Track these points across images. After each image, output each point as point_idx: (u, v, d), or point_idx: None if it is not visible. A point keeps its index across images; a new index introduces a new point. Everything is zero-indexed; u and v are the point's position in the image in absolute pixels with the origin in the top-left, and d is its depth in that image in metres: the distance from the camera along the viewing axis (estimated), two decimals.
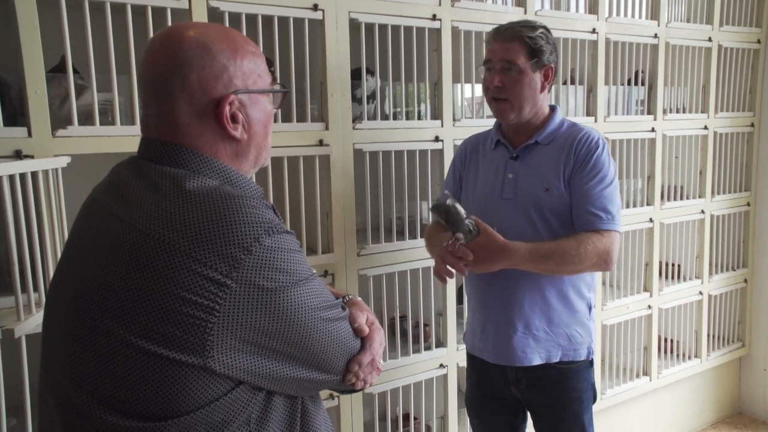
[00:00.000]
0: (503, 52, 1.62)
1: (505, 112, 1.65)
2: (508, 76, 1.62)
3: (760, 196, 3.15)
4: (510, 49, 1.61)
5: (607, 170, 1.62)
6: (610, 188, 1.62)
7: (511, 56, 1.61)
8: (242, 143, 0.92)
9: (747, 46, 2.99)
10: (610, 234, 1.58)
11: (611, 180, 1.63)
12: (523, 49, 1.61)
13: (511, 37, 1.62)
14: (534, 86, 1.64)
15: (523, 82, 1.62)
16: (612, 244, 1.58)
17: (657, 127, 2.68)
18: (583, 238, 1.55)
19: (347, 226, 1.97)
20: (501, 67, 1.62)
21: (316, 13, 1.83)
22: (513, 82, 1.62)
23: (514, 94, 1.62)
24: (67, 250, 0.93)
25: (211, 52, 0.87)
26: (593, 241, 1.55)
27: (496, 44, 1.64)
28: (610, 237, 1.58)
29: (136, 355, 0.77)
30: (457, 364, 2.24)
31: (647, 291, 2.75)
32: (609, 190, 1.61)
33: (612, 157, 1.70)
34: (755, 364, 3.27)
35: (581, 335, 1.70)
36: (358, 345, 0.96)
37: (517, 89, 1.62)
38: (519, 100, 1.63)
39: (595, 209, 1.59)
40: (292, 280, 0.83)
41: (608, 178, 1.62)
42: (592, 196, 1.59)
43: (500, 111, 1.66)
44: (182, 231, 0.79)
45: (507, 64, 1.61)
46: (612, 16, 2.49)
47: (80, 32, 1.49)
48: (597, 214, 1.58)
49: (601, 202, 1.59)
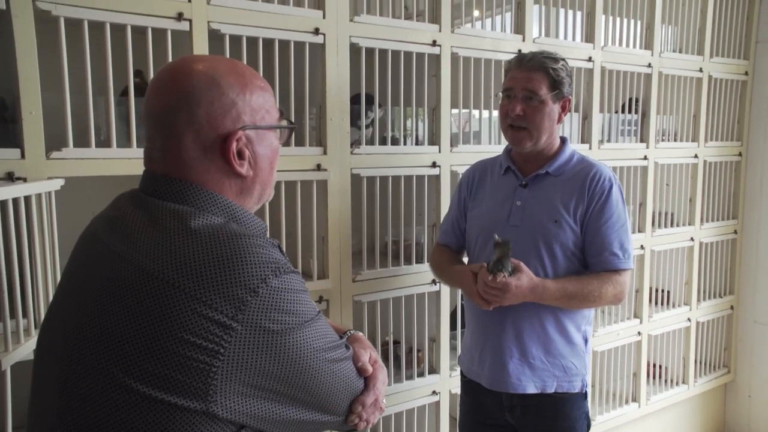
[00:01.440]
0: (526, 81, 1.62)
1: (522, 141, 1.66)
2: (530, 105, 1.62)
3: (747, 224, 3.20)
4: (533, 78, 1.62)
5: (622, 209, 1.67)
6: (626, 226, 1.67)
7: (534, 86, 1.62)
8: (248, 180, 0.89)
9: (735, 77, 3.04)
10: (625, 273, 1.65)
11: (626, 219, 1.68)
12: (546, 80, 1.62)
13: (536, 67, 1.63)
14: (553, 117, 1.65)
15: (544, 112, 1.63)
16: (627, 283, 1.66)
17: (649, 155, 2.70)
18: (603, 279, 1.62)
19: (343, 252, 1.95)
20: (523, 96, 1.63)
21: (317, 37, 1.82)
22: (534, 111, 1.62)
23: (534, 123, 1.63)
24: (63, 284, 0.90)
25: (220, 87, 0.85)
26: (612, 281, 1.62)
27: (518, 73, 1.64)
28: (625, 276, 1.65)
29: (134, 400, 0.74)
30: (449, 391, 2.22)
31: (637, 317, 2.76)
32: (625, 229, 1.66)
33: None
34: (740, 391, 3.29)
35: (576, 367, 1.70)
36: (362, 385, 0.94)
37: (538, 119, 1.63)
38: (538, 130, 1.64)
39: (613, 249, 1.63)
40: (298, 322, 0.81)
41: (623, 217, 1.67)
42: (610, 236, 1.63)
43: (518, 139, 1.66)
44: (187, 271, 0.76)
45: (529, 93, 1.62)
46: (607, 45, 2.51)
47: (79, 53, 1.46)
48: (615, 254, 1.64)
49: (618, 242, 1.64)
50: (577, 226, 1.65)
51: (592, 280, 1.61)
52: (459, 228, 1.84)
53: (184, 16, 1.59)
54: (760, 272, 3.17)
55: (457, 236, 1.85)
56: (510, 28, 2.29)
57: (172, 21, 1.58)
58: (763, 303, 3.17)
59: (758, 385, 3.21)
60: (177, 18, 1.59)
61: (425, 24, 2.05)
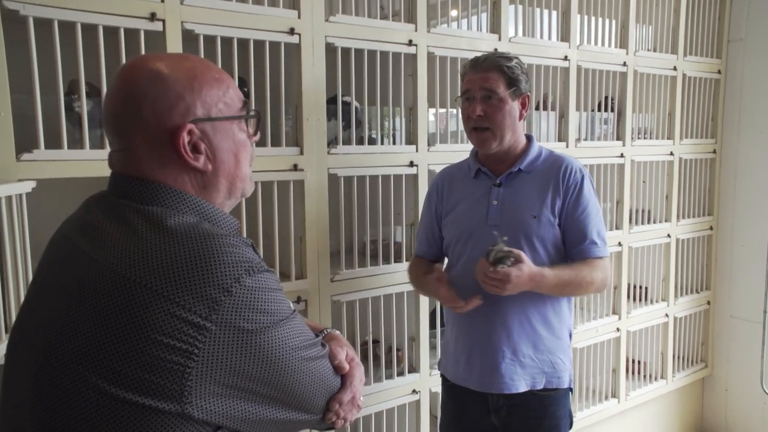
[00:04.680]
0: (483, 81, 1.64)
1: (487, 141, 1.66)
2: (489, 105, 1.64)
3: (722, 220, 3.24)
4: (489, 78, 1.63)
5: (595, 198, 1.71)
6: (600, 215, 1.72)
7: (492, 85, 1.63)
8: (209, 174, 0.88)
9: (709, 76, 3.08)
10: (606, 260, 1.70)
11: (599, 207, 1.73)
12: (502, 78, 1.63)
13: (490, 67, 1.64)
14: (514, 114, 1.66)
15: (504, 110, 1.64)
16: (608, 269, 1.71)
17: (626, 152, 2.73)
18: (592, 265, 1.66)
19: (321, 252, 1.95)
20: (482, 96, 1.64)
21: (292, 37, 1.82)
22: (494, 110, 1.63)
23: (496, 122, 1.64)
24: (34, 287, 0.89)
25: (165, 83, 0.84)
26: (598, 267, 1.66)
27: (474, 74, 1.66)
28: (607, 262, 1.71)
29: (108, 403, 0.74)
30: (429, 390, 2.22)
31: (616, 314, 2.79)
32: (600, 217, 1.71)
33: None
34: (717, 385, 3.34)
35: (563, 362, 1.72)
36: (339, 383, 0.94)
37: (499, 117, 1.64)
38: (501, 128, 1.65)
39: (593, 237, 1.68)
40: (272, 321, 0.81)
41: (597, 206, 1.72)
42: (588, 225, 1.67)
43: (482, 140, 1.67)
44: (159, 273, 0.75)
45: (488, 92, 1.63)
46: (583, 44, 2.54)
47: (50, 53, 1.44)
48: (595, 242, 1.68)
49: (596, 231, 1.69)
50: (555, 219, 1.67)
51: (583, 267, 1.64)
52: (433, 236, 1.84)
53: (157, 17, 1.58)
54: (736, 268, 3.22)
55: (431, 245, 1.84)
56: (486, 27, 2.31)
57: (145, 21, 1.57)
58: (739, 298, 3.22)
59: (735, 378, 3.26)
60: (150, 18, 1.57)
61: (401, 24, 2.06)
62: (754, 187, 3.11)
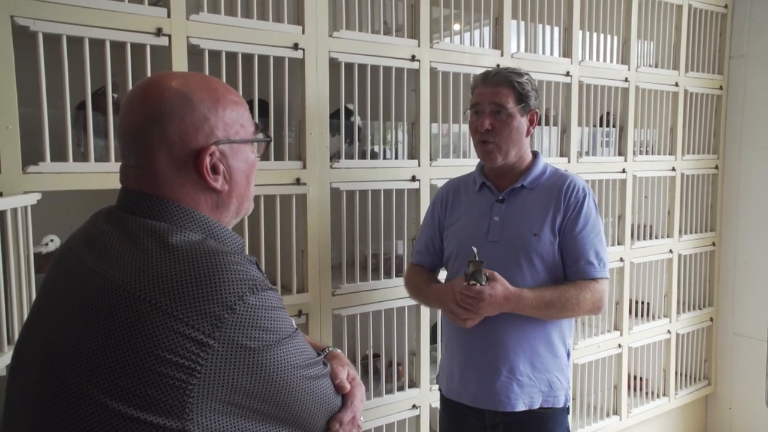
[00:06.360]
0: (493, 96, 1.65)
1: (491, 154, 1.67)
2: (498, 119, 1.65)
3: (725, 236, 3.24)
4: (500, 93, 1.64)
5: (596, 218, 1.69)
6: (600, 235, 1.69)
7: (501, 100, 1.64)
8: (223, 194, 0.90)
9: (711, 92, 3.10)
10: (603, 282, 1.67)
11: (600, 228, 1.70)
12: (512, 94, 1.64)
13: (501, 81, 1.65)
14: (521, 130, 1.67)
15: (512, 125, 1.65)
16: (604, 291, 1.67)
17: (627, 168, 2.74)
18: (581, 286, 1.63)
19: (322, 265, 1.95)
20: (491, 110, 1.65)
21: (296, 52, 1.84)
22: (502, 125, 1.64)
23: (502, 137, 1.65)
24: (39, 300, 0.90)
25: (192, 103, 0.85)
26: (590, 288, 1.63)
27: (485, 88, 1.67)
28: (603, 284, 1.67)
29: (109, 418, 0.74)
30: (430, 405, 2.21)
31: (617, 330, 2.78)
32: (600, 238, 1.68)
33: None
34: (721, 403, 3.31)
35: (561, 381, 1.71)
36: (339, 402, 0.94)
37: (506, 132, 1.65)
38: (507, 143, 1.66)
39: (589, 257, 1.65)
40: (275, 339, 0.81)
41: (598, 226, 1.69)
42: (586, 245, 1.65)
43: (487, 153, 1.68)
44: (164, 289, 0.76)
45: (497, 107, 1.64)
46: (585, 60, 2.55)
47: (57, 66, 1.46)
48: (591, 262, 1.65)
49: (594, 251, 1.66)
50: (555, 238, 1.66)
51: (569, 288, 1.62)
52: (434, 247, 1.84)
53: (164, 32, 1.60)
54: (739, 284, 3.21)
55: (432, 255, 1.85)
56: (488, 43, 2.33)
57: (151, 36, 1.59)
58: (742, 315, 3.20)
59: (739, 396, 3.24)
60: (156, 33, 1.60)
61: (404, 39, 2.08)
62: (758, 203, 3.11)
